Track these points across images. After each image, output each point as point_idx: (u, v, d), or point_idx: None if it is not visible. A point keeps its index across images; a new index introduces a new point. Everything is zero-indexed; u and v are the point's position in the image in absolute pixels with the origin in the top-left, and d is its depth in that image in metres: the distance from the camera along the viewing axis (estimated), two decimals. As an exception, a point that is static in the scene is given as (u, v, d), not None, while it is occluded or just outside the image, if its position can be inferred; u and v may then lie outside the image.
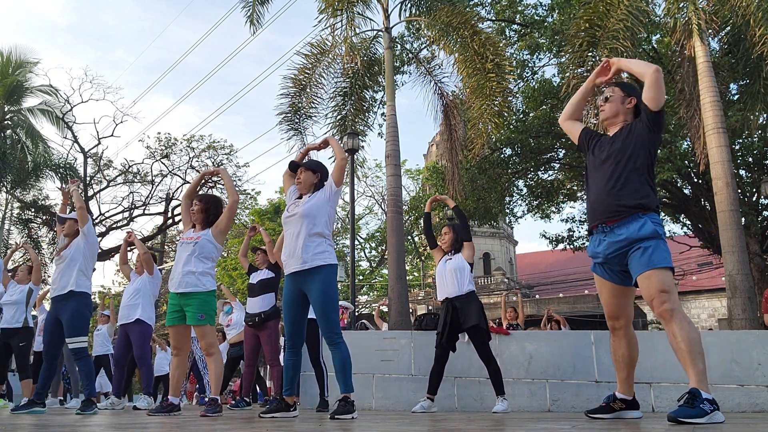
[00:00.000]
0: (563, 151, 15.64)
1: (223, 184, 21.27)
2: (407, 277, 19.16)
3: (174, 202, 21.67)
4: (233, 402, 6.50)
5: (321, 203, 3.69)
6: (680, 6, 8.96)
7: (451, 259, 4.84)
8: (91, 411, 4.42)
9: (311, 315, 4.89)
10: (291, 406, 3.59)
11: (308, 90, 11.55)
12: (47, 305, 7.54)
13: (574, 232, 17.03)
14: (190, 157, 21.12)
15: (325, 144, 4.10)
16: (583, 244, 16.66)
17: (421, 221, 22.04)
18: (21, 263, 18.89)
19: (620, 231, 2.84)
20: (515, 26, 15.24)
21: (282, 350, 5.84)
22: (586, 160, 3.18)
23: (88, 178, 19.99)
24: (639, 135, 2.92)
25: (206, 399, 4.45)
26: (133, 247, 6.25)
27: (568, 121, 3.35)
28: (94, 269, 5.03)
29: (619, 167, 2.90)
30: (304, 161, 3.95)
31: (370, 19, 11.59)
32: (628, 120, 3.05)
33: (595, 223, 2.95)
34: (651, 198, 2.89)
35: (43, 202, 20.00)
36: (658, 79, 2.91)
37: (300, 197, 3.82)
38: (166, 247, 27.18)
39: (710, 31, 10.12)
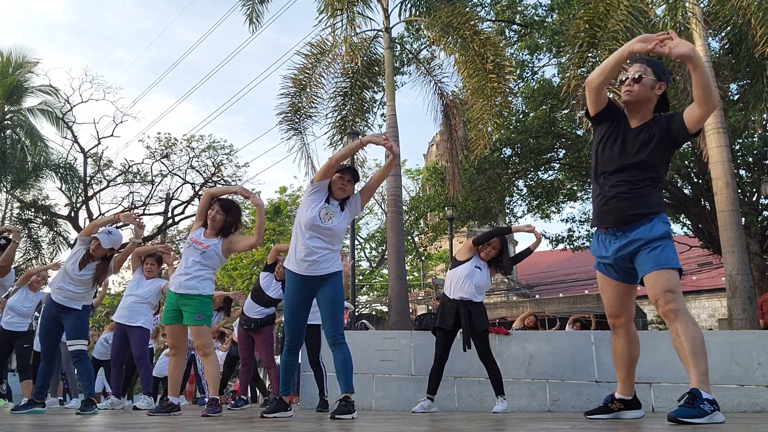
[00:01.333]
0: (563, 151, 15.65)
1: (223, 184, 21.27)
2: (407, 277, 19.16)
3: (174, 202, 21.67)
4: (233, 402, 6.50)
5: (345, 224, 3.81)
6: (674, 7, 8.96)
7: (481, 270, 4.81)
8: (91, 411, 4.42)
9: (310, 321, 4.93)
10: (288, 405, 3.62)
11: (308, 90, 11.55)
12: None
13: (574, 232, 17.04)
14: (190, 157, 21.11)
15: (391, 151, 3.87)
16: (583, 243, 16.66)
17: (420, 221, 22.05)
18: (21, 262, 18.88)
19: (631, 234, 2.82)
20: (515, 26, 15.25)
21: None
22: (595, 137, 3.01)
23: (88, 178, 19.98)
24: (665, 146, 2.81)
25: (205, 399, 4.45)
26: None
27: (600, 89, 2.84)
28: None
29: (640, 177, 2.82)
30: (350, 166, 3.90)
31: (371, 19, 11.59)
32: (651, 110, 2.84)
33: (607, 226, 2.90)
34: (662, 203, 2.93)
35: (43, 202, 19.99)
36: (716, 108, 2.77)
37: (328, 200, 3.71)
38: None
39: (710, 31, 10.12)
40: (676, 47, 2.53)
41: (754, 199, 14.81)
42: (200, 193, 21.06)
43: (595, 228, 3.05)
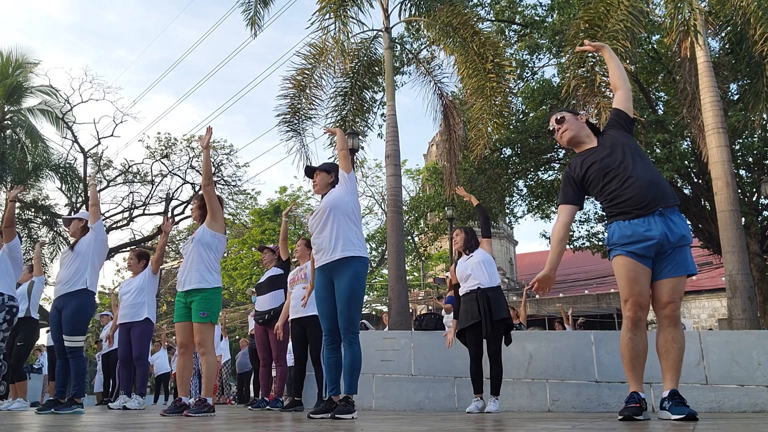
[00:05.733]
0: (563, 151, 15.64)
1: (223, 184, 21.29)
2: (407, 277, 19.15)
3: (174, 202, 21.66)
4: (265, 401, 6.12)
5: (341, 193, 3.70)
6: (678, 6, 8.96)
7: (472, 256, 4.78)
8: (68, 411, 4.36)
9: (310, 312, 4.89)
10: (334, 404, 3.49)
11: (308, 91, 11.53)
12: None
13: (574, 232, 17.02)
14: (190, 157, 21.11)
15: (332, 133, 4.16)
16: (583, 244, 16.65)
17: (420, 221, 22.04)
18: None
19: (675, 220, 2.84)
20: (515, 26, 15.25)
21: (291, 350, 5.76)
22: (586, 182, 3.08)
23: (87, 178, 19.97)
24: (625, 137, 3.05)
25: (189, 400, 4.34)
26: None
27: (567, 221, 3.27)
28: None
29: (636, 158, 2.93)
30: (310, 167, 3.98)
31: (363, 23, 11.57)
32: (587, 132, 3.14)
33: (652, 207, 2.83)
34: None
35: (43, 202, 19.99)
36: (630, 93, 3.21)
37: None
38: (166, 247, 27.17)
39: (710, 30, 10.11)
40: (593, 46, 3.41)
41: (754, 199, 14.80)
42: (200, 192, 21.08)
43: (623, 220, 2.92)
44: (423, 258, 29.17)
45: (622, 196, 2.90)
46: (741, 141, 13.93)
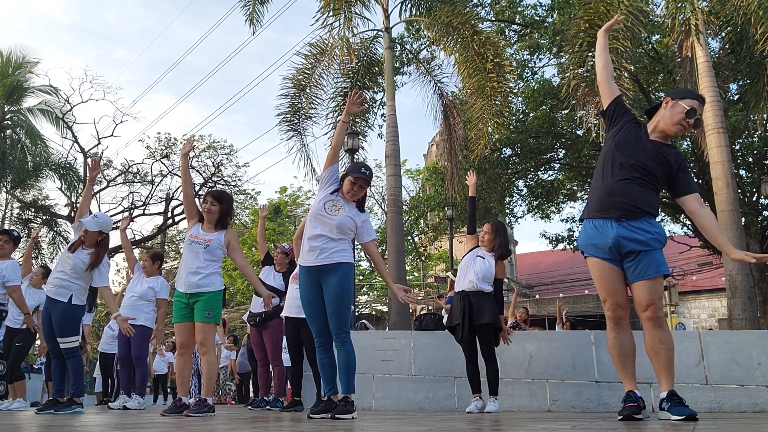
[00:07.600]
0: (563, 151, 15.66)
1: (223, 184, 21.27)
2: (407, 277, 19.14)
3: (174, 202, 21.65)
4: (265, 401, 6.01)
5: (352, 225, 3.67)
6: (679, 6, 8.96)
7: (484, 258, 4.71)
8: (68, 411, 4.34)
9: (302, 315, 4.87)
10: (334, 404, 3.49)
11: (308, 91, 11.56)
12: None
13: (574, 232, 17.02)
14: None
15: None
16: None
17: (420, 221, 22.05)
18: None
19: (635, 226, 2.86)
20: (515, 26, 15.26)
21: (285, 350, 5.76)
22: (612, 129, 3.10)
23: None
24: (667, 173, 2.95)
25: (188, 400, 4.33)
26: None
27: (610, 81, 3.22)
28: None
29: (641, 177, 2.90)
30: (364, 172, 3.74)
31: (368, 19, 11.62)
32: (672, 136, 3.04)
33: (609, 213, 2.91)
34: (657, 209, 3.02)
35: (43, 202, 19.99)
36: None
37: (335, 191, 3.72)
38: (166, 247, 27.15)
39: (710, 30, 10.12)
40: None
41: (754, 199, 14.81)
42: (200, 193, 21.06)
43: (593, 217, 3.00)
44: (423, 258, 29.18)
45: (592, 192, 3.06)
46: (741, 141, 13.93)
